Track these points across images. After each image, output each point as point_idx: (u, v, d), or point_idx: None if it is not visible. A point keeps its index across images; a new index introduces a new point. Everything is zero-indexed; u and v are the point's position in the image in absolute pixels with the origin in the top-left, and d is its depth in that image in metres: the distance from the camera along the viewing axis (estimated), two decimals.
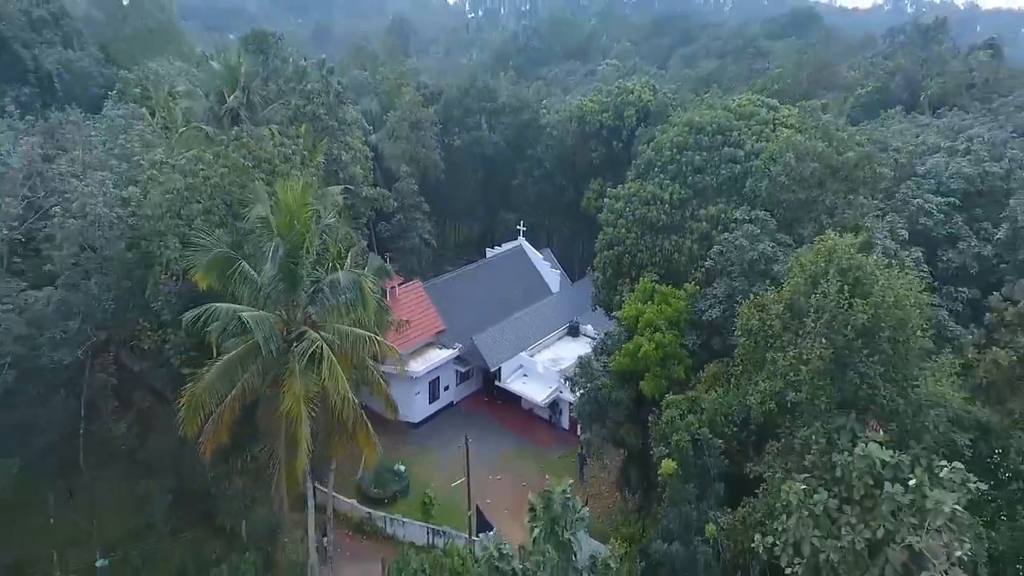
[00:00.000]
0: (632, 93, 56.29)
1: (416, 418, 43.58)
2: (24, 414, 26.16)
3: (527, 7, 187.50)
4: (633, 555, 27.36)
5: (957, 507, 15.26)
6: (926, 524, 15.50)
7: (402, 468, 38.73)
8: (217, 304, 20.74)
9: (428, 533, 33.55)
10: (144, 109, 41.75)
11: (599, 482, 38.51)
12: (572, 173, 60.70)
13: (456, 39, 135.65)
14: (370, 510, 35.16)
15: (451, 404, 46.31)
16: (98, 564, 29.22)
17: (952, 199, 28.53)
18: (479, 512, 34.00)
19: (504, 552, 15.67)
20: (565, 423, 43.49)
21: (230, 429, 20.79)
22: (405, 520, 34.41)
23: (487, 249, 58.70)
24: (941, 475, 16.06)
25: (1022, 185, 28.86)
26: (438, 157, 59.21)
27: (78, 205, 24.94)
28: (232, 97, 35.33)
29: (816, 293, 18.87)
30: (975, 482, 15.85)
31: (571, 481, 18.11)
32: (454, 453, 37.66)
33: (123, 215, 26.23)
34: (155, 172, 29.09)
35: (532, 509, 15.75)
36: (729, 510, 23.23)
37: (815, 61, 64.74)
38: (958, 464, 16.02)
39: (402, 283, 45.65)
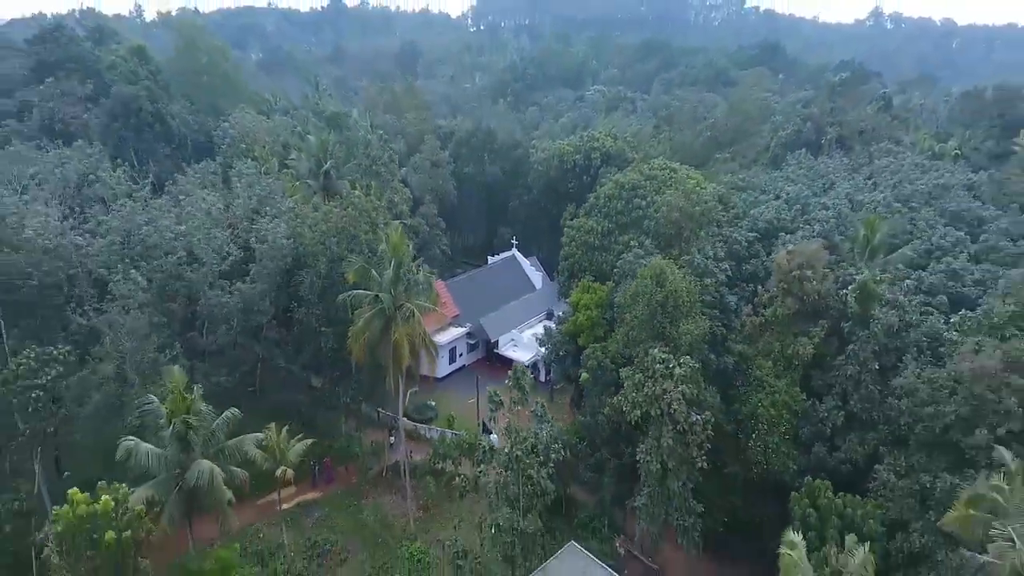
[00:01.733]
0: (597, 140, 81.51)
1: (440, 374, 68.85)
2: (234, 355, 51.27)
3: (527, 21, 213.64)
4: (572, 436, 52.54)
5: (683, 371, 40.22)
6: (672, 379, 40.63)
7: (432, 403, 64.10)
8: (356, 291, 45.90)
9: (452, 435, 58.57)
10: (250, 160, 67.17)
11: (562, 411, 63.56)
12: (554, 198, 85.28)
13: (461, 63, 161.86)
14: (416, 424, 60.43)
15: (463, 367, 71.60)
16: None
17: (756, 233, 53.50)
18: (484, 424, 59.07)
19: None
20: (542, 377, 68.62)
21: (361, 352, 45.79)
22: (438, 428, 59.60)
23: (488, 256, 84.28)
24: (681, 361, 41.06)
25: (799, 225, 54.08)
26: (451, 187, 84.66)
27: (271, 238, 50.02)
28: (329, 163, 60.54)
29: (644, 284, 43.85)
30: (695, 364, 40.91)
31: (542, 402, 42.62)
32: (465, 397, 63.00)
33: (289, 243, 51.28)
34: (292, 215, 54.46)
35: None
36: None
37: (742, 111, 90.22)
38: (689, 357, 41.02)
39: None
